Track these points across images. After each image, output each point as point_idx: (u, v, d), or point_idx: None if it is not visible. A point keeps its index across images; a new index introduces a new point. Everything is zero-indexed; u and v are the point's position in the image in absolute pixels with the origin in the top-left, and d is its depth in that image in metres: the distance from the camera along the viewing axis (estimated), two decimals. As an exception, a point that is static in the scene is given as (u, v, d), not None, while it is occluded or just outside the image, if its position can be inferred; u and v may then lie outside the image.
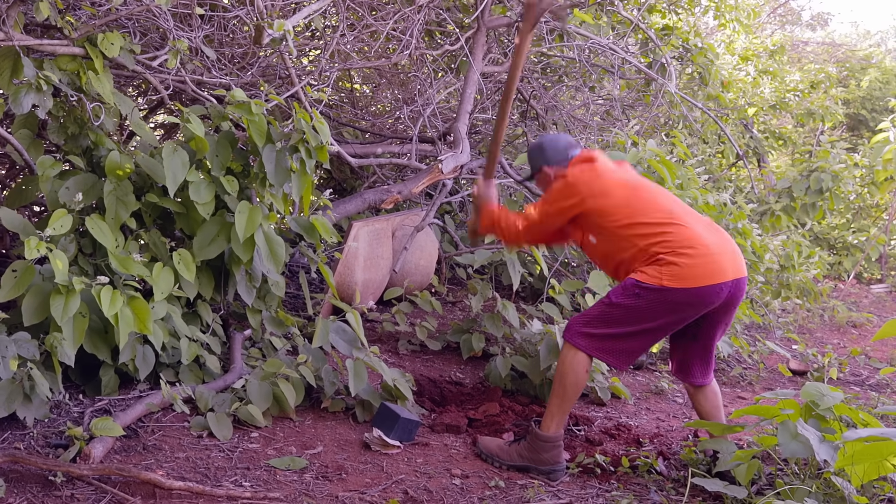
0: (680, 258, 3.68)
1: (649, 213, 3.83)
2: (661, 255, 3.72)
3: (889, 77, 16.86)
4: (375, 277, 6.19)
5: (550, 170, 4.22)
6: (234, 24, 5.86)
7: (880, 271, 12.71)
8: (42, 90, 4.03)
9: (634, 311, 3.76)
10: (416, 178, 6.40)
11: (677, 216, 3.84)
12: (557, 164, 4.20)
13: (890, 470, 3.00)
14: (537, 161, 4.30)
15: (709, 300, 3.72)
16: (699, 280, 3.66)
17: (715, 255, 3.73)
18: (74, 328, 3.82)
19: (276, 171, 4.56)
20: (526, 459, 3.95)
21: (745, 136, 12.52)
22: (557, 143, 4.27)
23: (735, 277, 3.77)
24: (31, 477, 3.40)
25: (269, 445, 4.04)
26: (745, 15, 11.17)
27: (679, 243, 3.72)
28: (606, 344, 3.85)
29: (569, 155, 4.19)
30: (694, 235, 3.76)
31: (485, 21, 7.03)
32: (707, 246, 3.73)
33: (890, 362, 7.06)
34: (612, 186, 3.92)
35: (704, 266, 3.68)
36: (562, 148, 4.24)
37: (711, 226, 3.95)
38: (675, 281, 3.66)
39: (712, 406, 4.10)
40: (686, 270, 3.66)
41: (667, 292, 3.68)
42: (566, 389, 3.89)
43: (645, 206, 3.86)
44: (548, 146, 4.27)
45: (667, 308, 3.73)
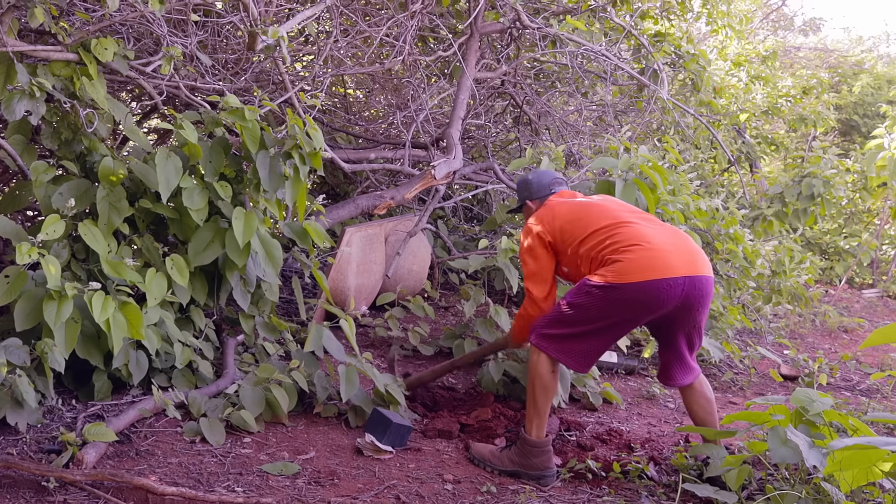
0: (623, 255, 3.76)
1: (596, 223, 3.98)
2: (606, 257, 3.81)
3: (881, 82, 16.90)
4: (368, 282, 6.20)
5: (533, 204, 4.49)
6: (228, 30, 5.87)
7: (872, 276, 12.75)
8: (35, 96, 4.04)
9: (586, 310, 3.83)
10: (409, 183, 6.42)
11: (623, 219, 3.95)
12: (540, 199, 4.46)
13: (879, 476, 3.02)
14: (522, 194, 4.58)
15: (659, 296, 3.72)
16: (642, 274, 3.69)
17: (660, 250, 3.76)
18: (67, 334, 3.83)
19: (270, 176, 4.58)
20: (516, 465, 3.98)
21: (737, 142, 12.54)
22: (542, 179, 4.52)
23: (688, 274, 3.75)
24: (24, 482, 3.40)
25: (262, 451, 4.05)
26: (737, 21, 11.21)
27: (622, 243, 3.81)
28: (564, 345, 3.92)
29: (551, 190, 4.45)
30: (639, 233, 3.83)
31: (478, 27, 7.06)
32: (651, 242, 3.78)
33: (880, 367, 7.08)
34: (561, 210, 4.16)
35: (649, 260, 3.72)
36: (546, 184, 4.49)
37: (664, 226, 4.00)
38: (619, 277, 3.71)
39: (706, 413, 4.12)
40: (628, 265, 3.71)
41: (613, 289, 3.72)
42: (535, 392, 3.97)
43: (592, 218, 4.03)
44: (533, 181, 4.53)
45: (616, 305, 3.77)
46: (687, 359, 4.07)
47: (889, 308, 11.02)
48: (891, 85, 16.18)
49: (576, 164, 8.44)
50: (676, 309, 3.80)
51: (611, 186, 5.63)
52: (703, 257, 3.90)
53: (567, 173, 7.33)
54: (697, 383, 4.12)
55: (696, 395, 4.12)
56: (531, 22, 7.15)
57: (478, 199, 8.83)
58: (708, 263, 3.90)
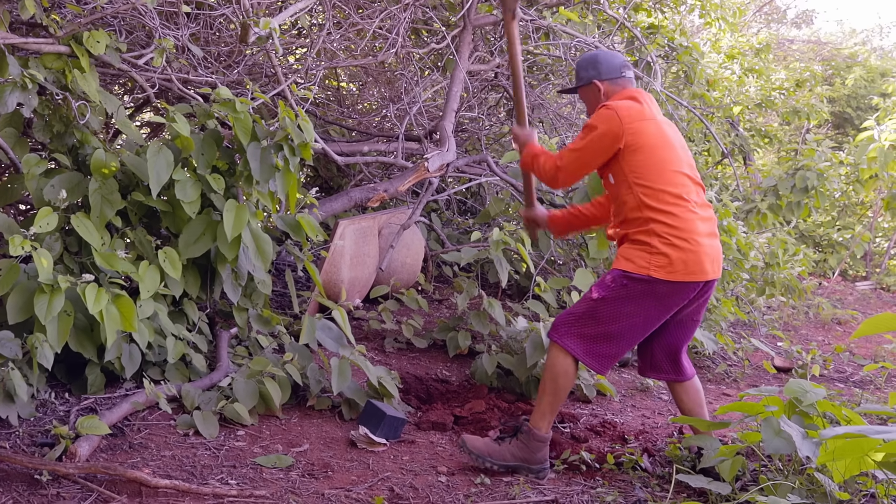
0: (671, 249, 3.64)
1: (666, 183, 3.72)
2: (652, 236, 3.67)
3: (874, 75, 16.93)
4: (362, 275, 6.20)
5: (602, 84, 4.02)
6: (221, 23, 5.85)
7: (865, 268, 12.79)
8: (27, 89, 4.03)
9: (620, 304, 3.74)
10: (402, 176, 6.41)
11: (686, 197, 3.74)
12: (611, 80, 4.02)
13: (871, 466, 3.02)
14: (589, 72, 4.06)
15: (685, 296, 3.72)
16: (684, 275, 3.66)
17: (701, 253, 3.69)
18: (59, 327, 3.82)
19: (261, 168, 4.56)
20: (519, 459, 3.90)
21: (730, 135, 12.56)
22: (614, 59, 4.06)
23: (712, 278, 3.77)
24: (17, 476, 3.40)
25: (256, 443, 4.05)
26: (730, 13, 11.21)
27: (676, 231, 3.66)
28: (594, 346, 3.80)
29: (622, 74, 4.03)
30: (692, 226, 3.69)
31: (471, 19, 7.04)
32: (699, 240, 3.69)
33: (873, 359, 7.10)
34: (649, 134, 3.78)
35: (693, 263, 3.66)
36: (617, 65, 4.04)
37: (710, 218, 3.85)
38: (664, 272, 3.64)
39: (695, 403, 4.09)
40: (675, 263, 3.64)
41: (654, 283, 3.66)
42: (557, 391, 3.85)
43: (667, 165, 3.75)
44: (603, 59, 4.05)
45: (652, 299, 3.71)
46: (681, 352, 4.06)
47: (882, 300, 11.06)
48: (884, 78, 16.21)
49: (569, 156, 8.41)
50: (685, 306, 3.81)
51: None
52: (721, 259, 3.88)
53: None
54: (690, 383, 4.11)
55: (688, 387, 4.10)
56: (524, 14, 7.14)
57: (471, 191, 8.83)
58: (722, 264, 3.89)
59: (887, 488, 3.33)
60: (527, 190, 4.54)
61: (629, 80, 4.05)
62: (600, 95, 4.01)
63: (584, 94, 4.13)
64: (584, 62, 4.10)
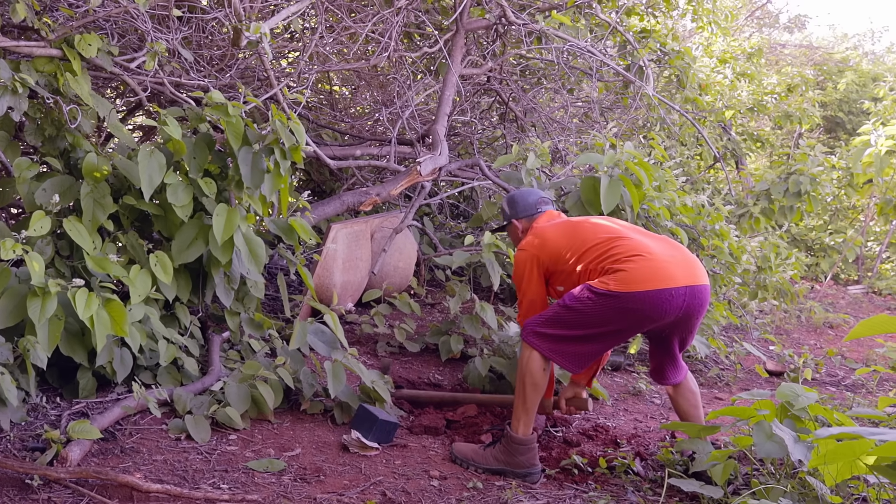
0: (625, 265, 3.75)
1: (592, 239, 3.97)
2: (608, 267, 3.80)
3: (865, 80, 16.99)
4: (354, 279, 6.19)
5: (519, 223, 4.44)
6: (213, 26, 5.85)
7: (857, 272, 12.81)
8: (18, 93, 4.01)
9: (585, 316, 3.81)
10: (394, 180, 6.41)
11: (620, 233, 3.96)
12: (527, 217, 4.42)
13: (863, 469, 3.03)
14: (508, 213, 4.50)
15: (661, 306, 3.72)
16: (645, 284, 3.69)
17: (661, 261, 3.76)
18: (50, 331, 3.81)
19: (252, 172, 4.55)
20: (502, 462, 3.96)
21: (722, 139, 12.59)
22: (528, 198, 4.46)
23: (688, 284, 3.77)
24: (8, 480, 3.38)
25: (248, 447, 4.04)
26: (722, 17, 11.23)
27: (624, 253, 3.80)
28: (559, 346, 3.89)
29: (538, 210, 4.41)
30: (638, 245, 3.84)
31: (463, 23, 7.05)
32: (652, 252, 3.79)
33: (865, 363, 7.11)
34: (551, 233, 4.13)
35: (651, 271, 3.72)
36: (532, 203, 4.44)
37: (661, 238, 4.02)
38: (622, 286, 3.70)
39: (690, 405, 4.15)
40: (631, 275, 3.70)
41: (615, 297, 3.71)
42: (526, 389, 3.93)
43: (587, 235, 4.02)
44: (518, 199, 4.47)
45: (617, 313, 3.76)
46: (678, 358, 4.12)
47: (874, 304, 11.08)
48: (875, 82, 16.26)
49: (562, 160, 8.45)
50: (677, 319, 3.82)
51: (596, 182, 5.64)
52: (700, 267, 3.92)
53: (553, 169, 7.35)
54: (685, 382, 4.16)
55: (683, 389, 4.15)
56: (517, 18, 7.15)
57: (464, 195, 8.83)
58: (704, 272, 3.92)
59: (879, 492, 3.34)
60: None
61: (542, 213, 4.42)
62: (518, 232, 4.44)
63: (508, 230, 4.59)
64: (507, 203, 4.53)
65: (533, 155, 6.12)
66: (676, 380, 4.13)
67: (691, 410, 4.15)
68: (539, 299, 4.14)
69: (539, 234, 4.17)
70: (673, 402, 4.21)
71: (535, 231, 4.22)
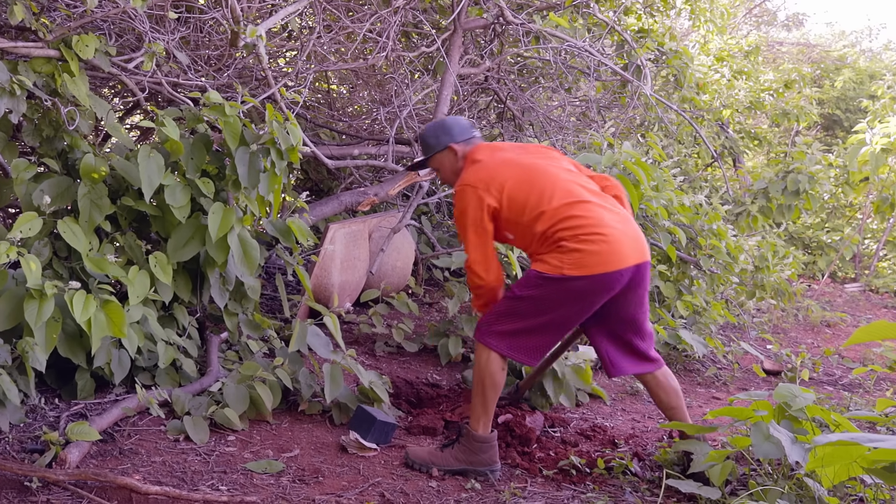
0: (584, 244, 3.63)
1: (550, 198, 3.75)
2: (564, 242, 3.66)
3: (863, 77, 17.00)
4: (352, 279, 6.20)
5: (458, 147, 4.08)
6: (210, 26, 5.85)
7: (854, 271, 12.83)
8: (16, 94, 4.01)
9: (539, 302, 3.74)
10: (392, 179, 6.42)
11: (580, 197, 3.77)
12: (465, 141, 4.09)
13: (860, 471, 3.04)
14: (441, 139, 4.11)
15: (611, 286, 3.68)
16: (601, 266, 3.62)
17: (618, 241, 3.67)
18: (47, 333, 3.80)
19: (249, 172, 4.55)
20: (463, 462, 3.93)
21: (720, 137, 12.60)
22: (461, 122, 4.16)
23: (637, 262, 3.72)
24: (7, 482, 3.38)
25: (246, 449, 4.04)
26: (719, 16, 11.23)
27: (584, 229, 3.66)
28: (517, 341, 3.83)
29: (472, 134, 4.12)
30: (599, 220, 3.69)
31: (461, 23, 7.05)
32: (611, 231, 3.67)
33: (862, 362, 7.13)
34: (508, 175, 3.83)
35: (608, 253, 3.63)
36: (467, 126, 4.14)
37: (616, 209, 3.86)
38: (578, 269, 3.62)
39: (672, 399, 4.03)
40: (588, 258, 3.62)
41: (569, 281, 3.65)
42: (485, 390, 3.89)
43: (545, 190, 3.78)
44: (453, 123, 4.13)
45: (571, 296, 3.70)
46: (634, 342, 3.97)
47: (871, 302, 11.09)
48: (873, 80, 16.27)
49: (559, 159, 8.43)
50: (620, 293, 3.75)
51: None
52: (645, 242, 3.86)
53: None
54: (661, 374, 4.03)
55: (660, 381, 4.03)
56: (514, 18, 7.15)
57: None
58: (647, 247, 3.87)
59: (876, 492, 3.35)
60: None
61: (478, 138, 4.14)
62: (457, 160, 4.08)
63: (439, 160, 4.15)
64: (434, 129, 4.14)
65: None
66: (640, 368, 4.00)
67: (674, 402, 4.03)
68: (486, 244, 3.88)
69: (492, 172, 3.85)
70: (653, 396, 4.08)
71: (484, 167, 3.88)
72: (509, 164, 3.90)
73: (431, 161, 4.19)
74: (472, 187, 3.83)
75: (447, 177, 4.18)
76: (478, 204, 3.81)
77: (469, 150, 4.06)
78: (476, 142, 4.10)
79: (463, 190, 3.86)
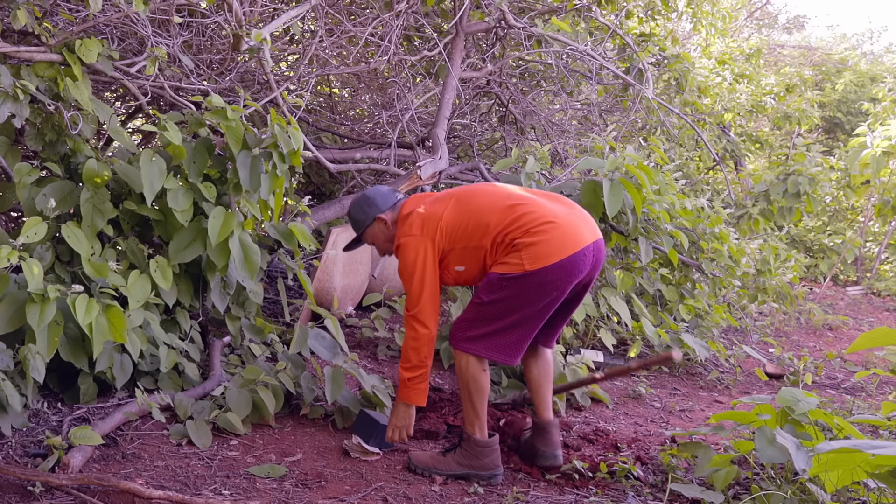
0: (536, 236, 3.66)
1: (494, 208, 3.80)
2: (517, 240, 3.69)
3: (864, 80, 17.01)
4: (354, 283, 6.20)
5: (387, 216, 4.10)
6: (213, 30, 5.85)
7: (856, 273, 12.83)
8: (19, 99, 4.01)
9: (508, 302, 3.74)
10: (394, 183, 6.41)
11: (522, 198, 3.83)
12: (390, 209, 4.11)
13: (863, 475, 3.03)
14: (369, 212, 4.12)
15: (579, 268, 3.71)
16: (560, 253, 3.65)
17: (569, 224, 3.72)
18: (49, 337, 3.80)
19: (251, 176, 4.55)
20: (465, 467, 3.93)
21: (722, 140, 12.60)
22: (382, 190, 4.18)
23: (594, 240, 3.79)
24: (10, 487, 3.38)
25: (249, 453, 4.04)
26: (720, 19, 11.24)
27: (533, 223, 3.69)
28: (492, 342, 3.83)
29: (397, 198, 4.15)
30: (544, 211, 3.74)
31: (463, 26, 7.05)
32: (559, 217, 3.72)
33: (865, 366, 7.12)
34: (440, 210, 3.89)
35: (563, 238, 3.67)
36: (388, 192, 4.16)
37: (555, 196, 3.93)
38: (537, 261, 3.64)
39: (542, 374, 4.13)
40: (544, 247, 3.64)
41: (532, 275, 3.66)
42: (472, 395, 3.89)
43: (484, 206, 3.83)
44: (375, 195, 4.14)
45: (539, 290, 3.70)
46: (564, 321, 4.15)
47: (873, 305, 11.09)
48: (874, 83, 16.27)
49: (561, 163, 8.46)
50: (587, 274, 3.82)
51: (597, 186, 5.64)
52: (594, 222, 3.93)
53: (553, 172, 7.34)
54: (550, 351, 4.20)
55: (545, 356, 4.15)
56: (516, 21, 7.16)
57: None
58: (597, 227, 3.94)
59: (879, 497, 3.34)
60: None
61: (401, 199, 4.15)
62: (388, 226, 4.10)
63: (372, 233, 4.17)
64: (359, 205, 4.15)
65: (532, 158, 6.11)
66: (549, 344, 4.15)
67: (543, 378, 4.13)
68: (436, 290, 3.89)
69: (426, 215, 3.89)
70: (526, 371, 4.15)
71: (417, 215, 3.92)
72: (439, 200, 3.96)
73: (364, 237, 4.22)
74: (412, 236, 3.87)
75: (383, 246, 4.20)
76: (423, 247, 3.85)
77: (397, 212, 4.09)
78: (401, 202, 4.13)
79: (405, 243, 3.89)
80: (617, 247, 6.33)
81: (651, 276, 6.68)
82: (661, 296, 6.99)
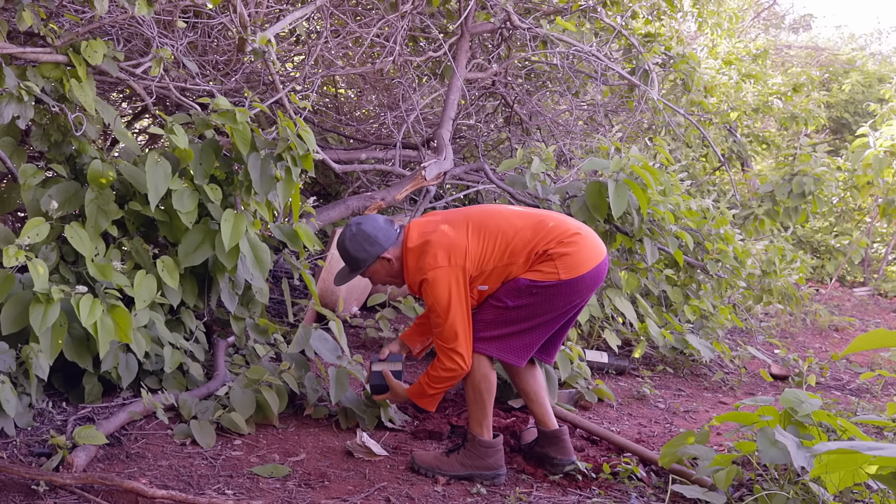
0: (568, 247, 3.74)
1: (514, 229, 3.81)
2: (549, 250, 3.73)
3: (871, 80, 16.96)
4: (359, 283, 6.21)
5: (390, 253, 3.88)
6: (219, 31, 5.86)
7: (863, 274, 12.80)
8: (24, 100, 4.02)
9: (532, 308, 3.79)
10: (399, 184, 6.42)
11: (537, 215, 3.91)
12: (394, 245, 3.89)
13: (866, 477, 3.03)
14: (374, 250, 3.87)
15: (601, 278, 3.84)
16: (590, 262, 3.76)
17: (590, 235, 3.87)
18: (52, 338, 3.82)
19: (262, 179, 4.57)
20: (469, 467, 3.93)
21: (728, 141, 12.57)
22: (379, 223, 3.92)
23: (606, 252, 3.93)
24: (14, 486, 3.40)
25: (253, 453, 4.05)
26: (726, 19, 11.22)
27: (562, 234, 3.78)
28: (505, 343, 3.85)
29: (397, 230, 3.93)
30: (568, 223, 3.87)
31: (468, 27, 7.06)
32: (581, 229, 3.87)
33: (870, 367, 7.10)
34: (461, 239, 3.78)
35: (591, 248, 3.80)
36: (385, 226, 3.91)
37: (562, 215, 4.01)
38: (571, 271, 3.71)
39: (539, 385, 4.13)
40: (576, 258, 3.73)
41: (565, 284, 3.73)
42: (483, 394, 3.90)
43: (503, 227, 3.82)
44: (374, 231, 3.87)
45: (565, 297, 3.78)
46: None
47: (880, 306, 11.06)
48: (881, 83, 16.23)
49: (566, 163, 8.46)
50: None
51: (602, 187, 5.64)
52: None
53: (558, 173, 7.35)
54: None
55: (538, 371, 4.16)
56: (521, 22, 7.16)
57: (469, 199, 8.84)
58: None
59: (882, 498, 3.34)
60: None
61: (399, 229, 3.95)
62: (394, 263, 3.91)
63: (372, 270, 3.94)
64: (359, 244, 3.86)
65: (538, 159, 6.12)
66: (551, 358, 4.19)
67: (540, 390, 4.13)
68: (470, 319, 3.79)
69: (447, 244, 3.76)
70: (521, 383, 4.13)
71: (437, 246, 3.77)
72: (450, 225, 3.85)
73: (369, 273, 3.99)
74: (441, 268, 3.74)
75: (382, 279, 4.01)
76: (454, 278, 3.74)
77: (400, 247, 3.91)
78: (401, 234, 3.93)
79: (434, 277, 3.74)
80: (622, 247, 6.34)
81: (656, 277, 6.68)
82: (666, 296, 6.99)
